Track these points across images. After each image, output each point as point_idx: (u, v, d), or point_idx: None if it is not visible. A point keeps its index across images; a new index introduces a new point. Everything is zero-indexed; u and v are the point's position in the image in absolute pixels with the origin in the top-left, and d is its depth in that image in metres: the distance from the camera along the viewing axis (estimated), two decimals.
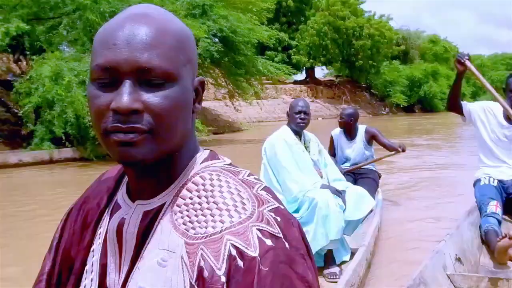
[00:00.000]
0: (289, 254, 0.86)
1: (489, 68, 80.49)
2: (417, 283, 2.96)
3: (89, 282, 1.03)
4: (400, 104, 49.29)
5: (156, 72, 0.86)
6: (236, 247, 0.83)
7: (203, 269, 0.84)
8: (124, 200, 1.03)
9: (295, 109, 4.63)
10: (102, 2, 14.18)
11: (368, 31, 45.81)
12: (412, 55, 58.79)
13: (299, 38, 46.41)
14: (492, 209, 4.40)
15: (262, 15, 24.92)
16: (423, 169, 11.74)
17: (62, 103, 12.91)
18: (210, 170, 0.97)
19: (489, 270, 3.99)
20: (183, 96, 0.91)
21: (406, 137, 22.33)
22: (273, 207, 0.90)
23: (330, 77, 53.87)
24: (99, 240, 1.05)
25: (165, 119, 0.88)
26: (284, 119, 15.83)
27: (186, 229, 0.90)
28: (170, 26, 0.91)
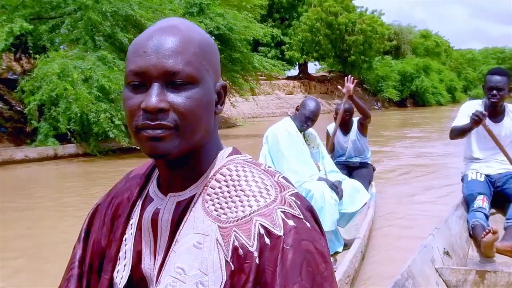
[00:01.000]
0: (310, 232, 0.97)
1: (480, 62, 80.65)
2: (405, 277, 2.99)
3: (123, 267, 1.12)
4: (392, 98, 49.38)
5: (181, 76, 0.97)
6: (264, 226, 0.94)
7: (237, 247, 0.94)
8: (155, 193, 1.13)
9: (307, 113, 4.66)
10: (104, 2, 14.42)
11: (360, 27, 45.81)
12: (404, 50, 58.73)
13: (292, 34, 46.50)
14: (479, 203, 4.46)
15: (256, 12, 25.25)
16: (417, 160, 11.94)
17: (67, 100, 13.18)
18: (235, 163, 1.07)
19: (476, 263, 4.05)
20: (205, 97, 1.00)
21: (400, 131, 22.70)
22: (293, 192, 1.01)
23: (323, 72, 53.91)
24: (131, 230, 1.14)
25: (188, 117, 0.98)
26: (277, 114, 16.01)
27: (218, 215, 0.99)
28: (194, 36, 1.01)
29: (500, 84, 4.58)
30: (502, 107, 4.79)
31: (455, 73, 66.94)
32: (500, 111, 4.79)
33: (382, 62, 51.87)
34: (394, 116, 35.90)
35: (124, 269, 1.12)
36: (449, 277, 3.39)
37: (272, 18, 45.89)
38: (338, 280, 3.37)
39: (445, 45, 70.65)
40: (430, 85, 52.95)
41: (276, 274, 0.91)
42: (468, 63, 77.76)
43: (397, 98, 50.01)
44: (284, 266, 0.91)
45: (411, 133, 21.18)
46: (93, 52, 14.27)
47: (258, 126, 22.41)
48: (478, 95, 68.23)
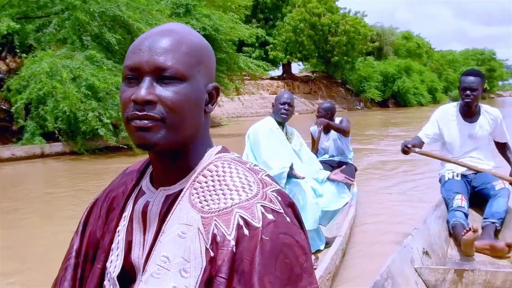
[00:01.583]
0: (289, 226, 1.01)
1: (461, 63, 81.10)
2: (384, 277, 3.00)
3: (115, 257, 1.17)
4: (375, 99, 49.64)
5: (170, 71, 1.03)
6: (244, 218, 0.98)
7: (216, 235, 0.98)
8: (148, 187, 1.19)
9: (280, 100, 4.75)
10: (92, 2, 14.51)
11: (344, 28, 46.11)
12: (386, 51, 59.14)
13: (276, 35, 46.76)
14: (458, 203, 4.50)
15: (240, 12, 25.47)
16: (398, 159, 12.00)
17: (55, 98, 13.24)
18: (222, 160, 1.12)
19: (455, 262, 4.07)
20: (193, 94, 1.05)
21: (383, 130, 22.99)
22: (276, 188, 1.06)
23: (306, 72, 54.21)
24: (124, 222, 1.19)
25: (174, 110, 1.03)
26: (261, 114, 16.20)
27: (202, 206, 1.04)
28: (187, 38, 1.08)
29: (473, 85, 4.68)
30: (477, 108, 4.87)
31: (436, 74, 67.43)
32: (475, 112, 4.87)
33: (364, 63, 52.21)
34: (376, 116, 36.06)
35: (117, 259, 1.17)
36: (428, 277, 3.41)
37: (257, 19, 46.11)
38: (319, 276, 3.47)
39: (426, 46, 71.24)
40: (411, 86, 53.36)
41: (255, 263, 0.95)
42: (449, 64, 78.23)
43: (379, 99, 50.30)
44: (263, 256, 0.95)
45: (393, 132, 21.38)
46: (81, 52, 14.35)
47: (242, 125, 22.56)
48: (457, 96, 69.00)
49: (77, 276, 1.24)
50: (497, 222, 4.32)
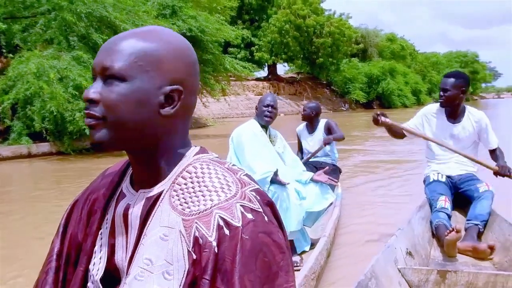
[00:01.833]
0: (268, 225, 1.02)
1: (444, 65, 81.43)
2: (368, 277, 3.01)
3: (99, 260, 1.17)
4: (359, 100, 49.97)
5: (110, 71, 1.03)
6: (223, 218, 0.98)
7: (198, 238, 0.98)
8: (128, 189, 1.19)
9: (264, 103, 4.74)
10: (78, 3, 14.55)
11: (328, 29, 46.37)
12: (370, 53, 59.48)
13: (261, 36, 46.94)
14: (441, 204, 4.51)
15: (226, 13, 25.58)
16: (382, 160, 12.15)
17: (42, 99, 13.28)
18: (200, 161, 1.11)
19: (438, 263, 4.08)
20: (134, 95, 1.04)
21: (367, 131, 23.07)
22: (254, 188, 1.06)
23: (292, 74, 54.35)
24: (106, 224, 1.19)
25: (113, 110, 1.04)
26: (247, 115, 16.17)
27: (183, 208, 1.04)
28: (141, 40, 1.07)
29: (446, 86, 4.72)
30: (460, 108, 4.86)
31: (420, 76, 67.84)
32: (459, 112, 4.86)
33: (349, 64, 52.51)
34: (361, 117, 36.14)
35: (100, 262, 1.17)
36: (411, 277, 3.42)
37: (242, 20, 46.20)
38: (303, 275, 3.51)
39: (410, 48, 71.66)
40: (395, 88, 53.74)
41: (236, 262, 0.96)
42: (433, 66, 78.65)
43: (364, 100, 50.62)
44: (244, 255, 0.97)
45: (378, 133, 21.47)
46: (67, 52, 14.39)
47: (228, 126, 22.65)
48: None
49: (58, 279, 1.24)
50: (480, 224, 4.33)
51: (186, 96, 1.11)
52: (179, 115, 1.11)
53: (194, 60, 1.14)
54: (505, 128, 18.42)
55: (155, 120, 1.08)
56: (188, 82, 1.11)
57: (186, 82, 1.10)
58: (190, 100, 1.13)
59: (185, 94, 1.10)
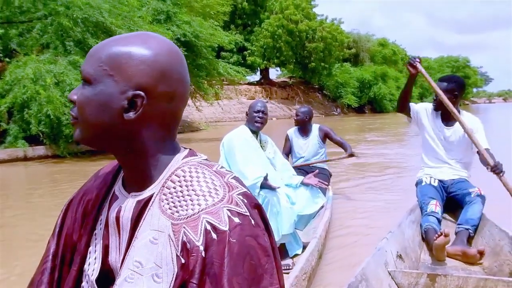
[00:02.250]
0: (254, 229, 1.03)
1: (436, 70, 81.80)
2: (359, 279, 3.01)
3: (93, 260, 1.20)
4: (351, 104, 50.33)
5: (82, 75, 1.08)
6: (211, 223, 1.00)
7: (185, 242, 1.00)
8: (120, 191, 1.21)
9: (254, 109, 4.77)
10: (75, 9, 14.71)
11: (321, 34, 46.66)
12: (362, 57, 59.94)
13: (253, 40, 47.06)
14: (432, 208, 4.50)
15: (219, 18, 25.74)
16: (374, 163, 12.23)
17: (39, 102, 13.44)
18: (189, 165, 1.12)
19: (428, 267, 4.07)
20: (95, 97, 1.06)
21: (359, 135, 23.23)
22: (241, 191, 1.07)
23: (284, 78, 54.55)
24: (101, 225, 1.22)
25: (80, 111, 1.09)
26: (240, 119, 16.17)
27: (172, 212, 1.05)
28: (114, 46, 1.08)
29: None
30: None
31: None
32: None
33: (341, 69, 52.77)
34: (353, 122, 36.34)
35: (95, 262, 1.20)
36: (401, 280, 3.41)
37: (235, 24, 46.26)
38: (295, 276, 3.53)
39: (402, 53, 71.95)
40: (387, 92, 54.06)
41: (224, 265, 0.98)
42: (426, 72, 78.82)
43: (356, 104, 50.99)
44: (232, 258, 0.98)
45: (369, 137, 21.57)
46: (64, 57, 14.56)
47: (220, 130, 22.79)
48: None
49: (54, 279, 1.26)
50: (470, 228, 4.33)
51: (153, 102, 1.09)
52: (149, 120, 1.10)
53: (167, 66, 1.10)
54: (496, 133, 18.65)
55: (120, 123, 1.08)
56: (156, 88, 1.09)
57: (153, 88, 1.08)
58: (160, 107, 1.10)
59: (152, 100, 1.08)
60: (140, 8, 17.47)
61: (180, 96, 1.13)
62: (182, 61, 1.14)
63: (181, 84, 1.13)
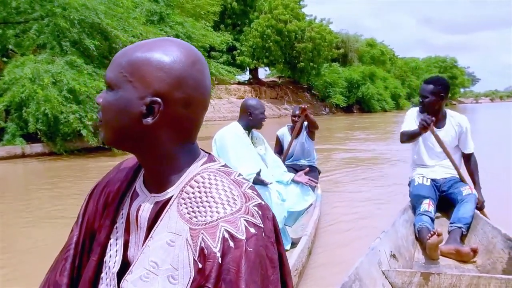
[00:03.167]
0: (266, 240, 1.06)
1: (423, 70, 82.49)
2: (352, 279, 3.01)
3: (114, 253, 1.22)
4: (340, 104, 50.50)
5: (106, 80, 1.12)
6: (229, 231, 1.02)
7: (203, 248, 1.02)
8: (141, 189, 1.23)
9: (261, 110, 4.81)
10: (72, 10, 15.00)
11: (309, 34, 46.83)
12: (350, 57, 60.14)
13: (243, 40, 47.05)
14: (425, 207, 4.51)
15: (209, 18, 25.98)
16: (363, 162, 12.35)
17: (37, 101, 13.75)
18: (208, 171, 1.15)
19: (422, 265, 4.07)
20: (116, 102, 1.10)
21: (348, 133, 23.43)
22: (257, 203, 1.10)
23: (273, 78, 54.64)
24: (122, 219, 1.24)
25: (103, 114, 1.13)
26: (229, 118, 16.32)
27: (190, 217, 1.07)
28: (136, 52, 1.11)
29: (424, 92, 4.75)
30: (441, 113, 4.88)
31: (399, 80, 68.47)
32: (440, 118, 4.86)
33: (330, 69, 52.94)
34: (342, 121, 36.55)
35: (116, 255, 1.22)
36: (395, 279, 3.41)
37: (225, 24, 46.19)
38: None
39: (390, 53, 72.22)
40: (375, 92, 54.41)
41: (241, 272, 0.99)
42: (412, 71, 79.41)
43: (344, 104, 51.20)
44: (248, 266, 1.00)
45: (358, 135, 21.79)
46: (61, 57, 14.85)
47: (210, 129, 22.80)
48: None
49: (75, 266, 1.29)
50: (463, 227, 4.34)
51: (170, 108, 1.10)
52: (166, 125, 1.12)
53: (184, 73, 1.11)
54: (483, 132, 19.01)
55: (138, 128, 1.10)
56: (173, 95, 1.10)
57: (170, 95, 1.09)
58: (176, 112, 1.11)
59: (169, 106, 1.10)
60: (134, 10, 17.77)
61: (198, 102, 1.14)
62: (201, 68, 1.15)
63: (198, 90, 1.13)
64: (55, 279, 1.28)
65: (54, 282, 1.27)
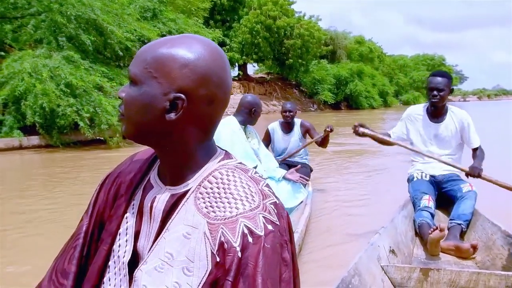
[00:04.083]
0: (281, 238, 1.08)
1: (411, 68, 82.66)
2: (351, 274, 3.00)
3: (124, 243, 1.23)
4: (328, 101, 50.62)
5: (129, 75, 1.13)
6: (248, 227, 1.04)
7: (223, 242, 1.04)
8: (156, 181, 1.24)
9: (260, 108, 4.87)
10: (68, 6, 15.31)
11: (298, 31, 46.84)
12: (339, 54, 60.10)
13: (232, 36, 47.01)
14: (425, 203, 4.49)
15: (199, 14, 26.26)
16: (353, 159, 12.60)
17: (35, 94, 14.08)
18: (226, 168, 1.17)
19: (421, 261, 4.07)
20: (141, 97, 1.11)
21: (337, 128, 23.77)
22: (273, 201, 1.12)
23: (262, 74, 54.70)
24: (133, 210, 1.25)
25: (126, 108, 1.14)
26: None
27: (208, 212, 1.09)
28: (160, 48, 1.12)
29: (440, 85, 4.68)
30: (444, 108, 4.88)
31: (387, 78, 68.80)
32: (442, 112, 4.87)
33: (318, 65, 53.09)
34: (330, 118, 36.13)
35: (126, 244, 1.23)
36: (394, 275, 3.41)
37: (214, 20, 46.09)
38: None
39: (378, 51, 72.13)
40: (363, 89, 54.69)
41: (258, 266, 1.01)
42: (400, 68, 79.37)
43: (332, 101, 51.35)
44: (266, 261, 1.02)
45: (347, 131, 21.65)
46: (58, 52, 15.17)
47: None
48: (408, 100, 70.50)
49: (83, 255, 1.30)
50: (463, 223, 4.34)
51: (193, 105, 1.11)
52: (189, 122, 1.13)
53: (208, 70, 1.12)
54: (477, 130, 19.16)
55: (161, 123, 1.12)
56: (197, 92, 1.11)
57: (194, 91, 1.11)
58: (199, 109, 1.13)
59: (193, 103, 1.11)
60: (129, 6, 18.10)
61: (220, 99, 1.15)
62: (224, 65, 1.16)
63: (221, 88, 1.15)
64: (63, 267, 1.29)
65: (62, 270, 1.29)
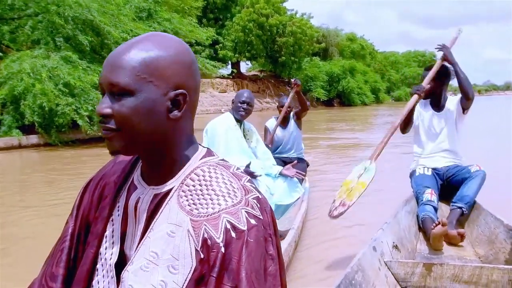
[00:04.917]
0: (265, 232, 1.10)
1: (403, 64, 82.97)
2: (355, 270, 2.99)
3: (111, 244, 1.25)
4: (320, 98, 50.97)
5: (117, 87, 1.08)
6: (230, 222, 1.06)
7: (206, 239, 1.05)
8: (139, 181, 1.26)
9: (240, 99, 4.78)
10: (66, 7, 15.49)
11: (291, 29, 47.02)
12: (331, 52, 60.50)
13: (225, 34, 47.06)
14: (427, 197, 4.50)
15: (192, 13, 26.47)
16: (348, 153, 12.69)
17: (34, 94, 14.27)
18: (208, 165, 1.18)
19: (424, 256, 4.06)
20: (142, 106, 1.09)
21: (331, 124, 24.03)
22: (256, 196, 1.13)
23: (255, 71, 54.82)
24: (118, 212, 1.26)
25: (125, 122, 1.10)
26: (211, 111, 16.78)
27: (191, 209, 1.11)
28: (140, 51, 1.10)
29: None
30: (444, 98, 4.92)
31: (379, 74, 69.33)
32: (442, 102, 4.91)
33: (310, 63, 53.51)
34: (323, 114, 36.94)
35: (113, 246, 1.23)
36: (397, 270, 3.40)
37: (207, 18, 46.11)
38: None
39: (370, 48, 72.73)
40: (355, 86, 55.14)
41: (242, 261, 1.03)
42: (391, 65, 79.96)
43: (325, 98, 51.73)
44: (249, 255, 1.04)
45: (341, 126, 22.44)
46: (56, 53, 15.39)
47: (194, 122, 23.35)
48: (400, 96, 70.94)
49: (70, 258, 1.30)
50: (464, 206, 4.38)
51: (190, 97, 1.15)
52: (185, 115, 1.17)
53: (192, 60, 1.17)
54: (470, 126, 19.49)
55: (165, 124, 1.13)
56: (190, 83, 1.15)
57: (189, 83, 1.14)
58: (194, 99, 1.18)
59: (189, 95, 1.14)
60: (124, 6, 18.27)
61: (199, 86, 1.20)
62: (193, 54, 1.19)
63: (199, 75, 1.20)
64: (51, 271, 1.30)
65: (50, 274, 1.30)
